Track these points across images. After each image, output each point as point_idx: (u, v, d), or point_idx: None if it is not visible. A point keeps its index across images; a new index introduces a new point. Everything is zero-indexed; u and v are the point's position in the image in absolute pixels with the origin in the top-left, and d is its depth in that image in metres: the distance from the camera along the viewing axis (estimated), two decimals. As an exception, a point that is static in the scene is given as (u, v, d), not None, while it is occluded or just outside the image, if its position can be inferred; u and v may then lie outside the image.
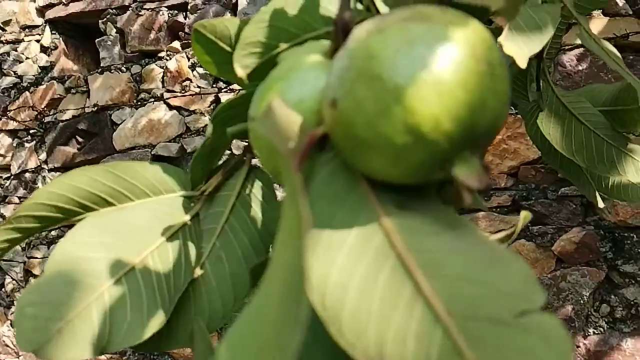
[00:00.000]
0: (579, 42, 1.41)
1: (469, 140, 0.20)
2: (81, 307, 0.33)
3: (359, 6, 0.31)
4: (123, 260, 0.35)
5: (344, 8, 0.25)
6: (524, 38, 0.45)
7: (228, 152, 1.69)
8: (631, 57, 1.44)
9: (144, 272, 0.36)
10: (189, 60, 2.00)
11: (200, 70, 1.98)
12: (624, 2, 1.42)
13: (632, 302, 1.44)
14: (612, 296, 1.47)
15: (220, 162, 0.43)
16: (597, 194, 0.69)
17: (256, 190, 0.41)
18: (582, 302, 1.47)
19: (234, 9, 1.94)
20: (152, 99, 2.06)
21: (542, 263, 1.52)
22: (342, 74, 0.21)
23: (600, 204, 0.69)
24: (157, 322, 0.35)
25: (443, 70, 0.19)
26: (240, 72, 0.30)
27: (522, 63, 0.42)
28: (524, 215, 0.32)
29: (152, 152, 2.04)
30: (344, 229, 0.22)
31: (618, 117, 0.66)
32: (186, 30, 2.00)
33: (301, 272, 0.17)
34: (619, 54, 0.58)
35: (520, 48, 0.43)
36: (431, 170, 0.21)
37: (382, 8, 0.30)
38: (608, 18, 1.46)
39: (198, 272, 0.40)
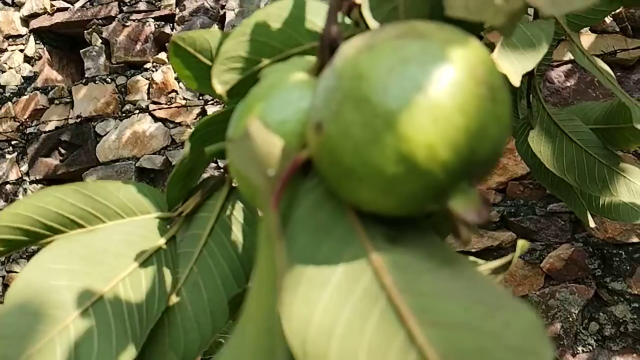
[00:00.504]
0: (567, 58, 1.42)
1: (467, 170, 0.18)
2: (43, 341, 0.30)
3: (347, 20, 0.29)
4: (91, 289, 0.33)
5: (331, 22, 0.23)
6: (517, 55, 0.43)
7: (214, 164, 1.67)
8: (619, 73, 1.45)
9: (113, 302, 0.33)
10: (175, 72, 1.97)
11: (187, 82, 1.96)
12: (612, 19, 1.43)
13: (621, 320, 1.43)
14: (601, 314, 1.45)
15: (200, 180, 0.41)
16: (588, 213, 0.68)
17: (237, 213, 0.39)
18: (570, 319, 1.46)
19: (221, 21, 1.93)
20: (137, 111, 2.03)
21: (531, 280, 1.50)
22: (328, 95, 0.19)
23: (592, 224, 0.68)
24: (127, 356, 0.32)
25: (440, 94, 0.17)
26: (219, 88, 0.28)
27: (516, 81, 0.41)
28: (521, 245, 0.30)
29: (137, 165, 2.00)
30: (330, 265, 0.20)
31: (610, 136, 0.65)
32: (173, 41, 1.98)
33: (275, 324, 0.15)
34: (611, 72, 0.57)
35: (514, 66, 0.42)
36: (425, 202, 0.19)
37: (372, 23, 0.28)
38: (596, 35, 1.46)
39: (174, 299, 0.37)
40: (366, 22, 0.29)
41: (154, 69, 2.01)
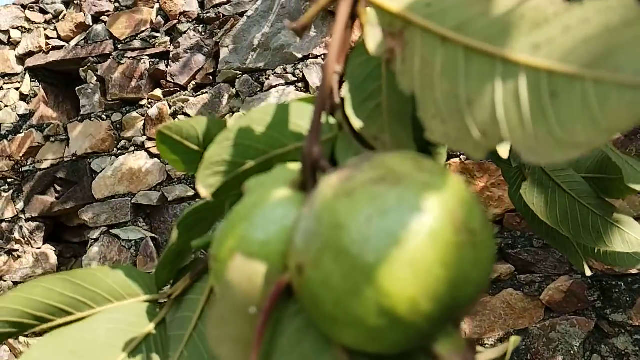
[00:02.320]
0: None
1: (451, 316, 0.18)
2: None
3: (332, 120, 0.29)
4: (78, 388, 0.32)
5: (313, 142, 0.23)
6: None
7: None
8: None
9: (101, 399, 0.33)
10: (170, 107, 1.98)
11: (182, 117, 1.96)
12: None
13: (623, 352, 1.42)
14: (603, 346, 1.44)
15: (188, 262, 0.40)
16: (584, 262, 0.68)
17: (227, 295, 0.38)
18: (572, 352, 1.44)
19: (215, 58, 1.94)
20: (133, 147, 2.03)
21: (531, 313, 1.49)
22: (308, 239, 0.18)
23: (588, 272, 0.67)
24: None
25: (418, 247, 0.17)
26: (204, 192, 0.28)
27: (504, 154, 0.41)
28: (514, 340, 0.29)
29: (132, 201, 2.00)
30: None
31: (603, 185, 0.65)
32: (168, 78, 1.99)
33: None
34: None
35: (502, 136, 0.42)
36: (409, 346, 0.18)
37: (356, 122, 0.28)
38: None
39: (164, 385, 0.37)
40: (350, 122, 0.29)
41: (149, 106, 2.02)
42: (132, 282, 0.38)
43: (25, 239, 2.19)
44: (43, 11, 2.25)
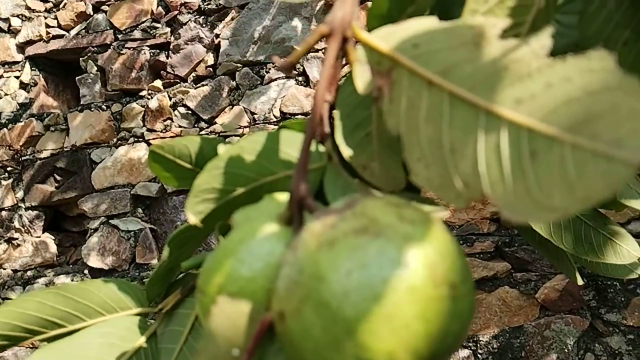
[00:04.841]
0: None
1: (429, 366, 0.18)
2: None
3: (322, 148, 0.29)
4: (68, 405, 0.33)
5: (300, 180, 0.23)
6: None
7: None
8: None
9: (91, 415, 0.33)
10: (170, 99, 1.98)
11: (182, 109, 1.96)
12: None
13: (616, 352, 1.43)
14: (597, 345, 1.45)
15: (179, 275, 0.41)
16: (576, 272, 0.68)
17: (218, 310, 0.39)
18: (566, 350, 1.45)
19: (216, 50, 1.93)
20: (132, 138, 2.03)
21: (526, 310, 1.50)
22: (290, 287, 0.19)
23: (580, 282, 0.68)
24: None
25: (397, 302, 0.17)
26: (193, 219, 0.28)
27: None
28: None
29: (132, 192, 2.00)
30: None
31: (597, 196, 0.65)
32: (168, 69, 1.99)
33: None
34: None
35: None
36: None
37: (346, 151, 0.29)
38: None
39: (155, 398, 0.37)
40: (339, 151, 0.29)
41: (149, 97, 2.01)
42: (123, 295, 0.39)
43: (25, 228, 2.20)
44: (43, -1, 2.24)
